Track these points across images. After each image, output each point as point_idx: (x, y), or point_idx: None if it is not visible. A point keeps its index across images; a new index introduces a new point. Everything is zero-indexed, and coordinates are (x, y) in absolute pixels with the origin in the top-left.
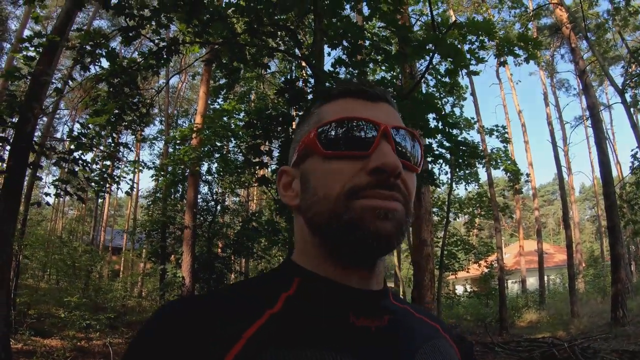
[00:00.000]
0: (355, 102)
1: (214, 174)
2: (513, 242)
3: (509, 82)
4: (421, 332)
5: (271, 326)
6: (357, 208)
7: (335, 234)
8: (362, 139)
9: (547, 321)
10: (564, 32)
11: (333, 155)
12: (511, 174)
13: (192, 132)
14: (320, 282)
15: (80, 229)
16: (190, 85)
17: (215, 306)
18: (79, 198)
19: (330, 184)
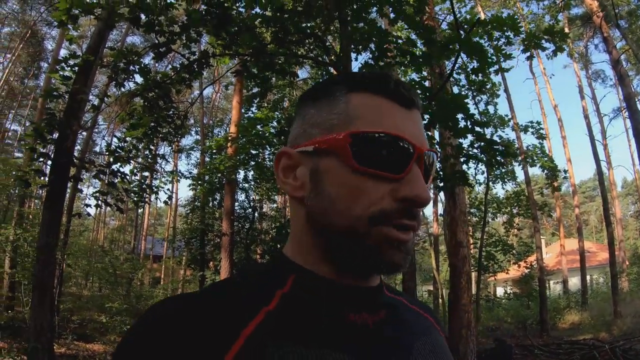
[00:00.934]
0: (390, 106)
1: (250, 182)
2: (554, 241)
3: (542, 76)
4: (417, 324)
5: (268, 324)
6: (377, 236)
7: (347, 251)
8: (397, 160)
9: (589, 322)
10: (595, 21)
11: (365, 171)
12: (548, 170)
13: (227, 141)
14: (315, 280)
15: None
16: (225, 95)
17: (210, 304)
18: (118, 208)
19: (355, 201)
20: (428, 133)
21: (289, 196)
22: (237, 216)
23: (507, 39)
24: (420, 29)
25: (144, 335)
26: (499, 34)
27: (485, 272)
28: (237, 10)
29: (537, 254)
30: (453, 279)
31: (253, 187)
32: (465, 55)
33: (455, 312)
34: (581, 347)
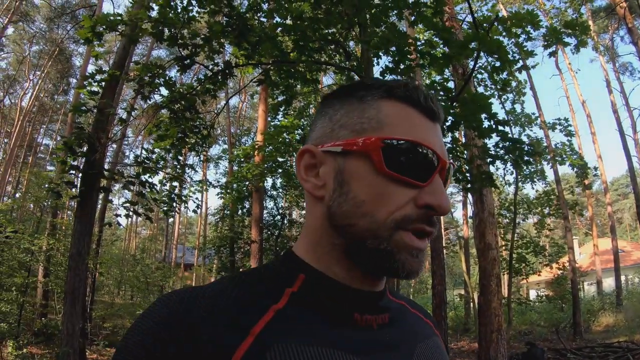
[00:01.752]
0: (419, 117)
1: (278, 189)
2: (588, 241)
3: (569, 72)
4: (418, 328)
5: (278, 322)
6: (398, 241)
7: (367, 254)
8: (423, 169)
9: (624, 324)
10: (618, 13)
11: (393, 177)
12: (578, 168)
13: (254, 149)
14: (324, 282)
15: (153, 247)
16: (251, 104)
17: (220, 300)
18: (147, 217)
19: (381, 204)
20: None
21: (308, 194)
22: (266, 223)
23: (527, 35)
24: (439, 30)
25: (145, 329)
26: (519, 30)
27: (517, 275)
28: (258, 20)
29: (570, 254)
30: (483, 281)
31: (281, 194)
32: (485, 53)
33: (486, 316)
34: (615, 350)
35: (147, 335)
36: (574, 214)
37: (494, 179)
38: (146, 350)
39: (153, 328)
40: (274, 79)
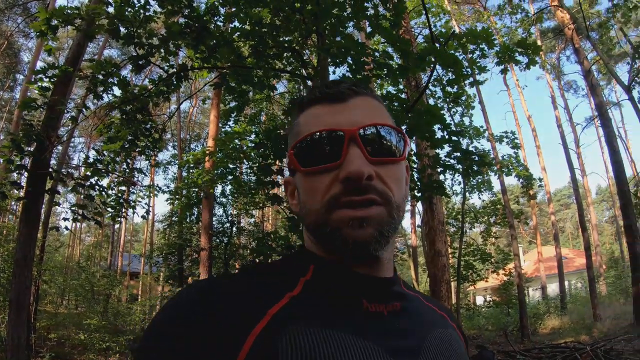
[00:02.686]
0: (323, 108)
1: (228, 196)
2: (532, 249)
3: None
4: (430, 318)
5: (292, 307)
6: (334, 220)
7: (322, 241)
8: (333, 149)
9: (570, 326)
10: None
11: (310, 171)
12: (523, 179)
13: (205, 155)
14: (334, 269)
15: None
16: (202, 110)
17: (240, 286)
18: (97, 222)
19: (312, 198)
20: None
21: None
22: (215, 231)
23: (481, 52)
24: (397, 42)
25: (177, 307)
26: (474, 47)
27: (465, 282)
28: (215, 24)
29: (516, 261)
30: (433, 287)
31: (231, 202)
32: (441, 67)
33: None
34: (562, 350)
35: (169, 324)
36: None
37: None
38: (169, 337)
39: (175, 317)
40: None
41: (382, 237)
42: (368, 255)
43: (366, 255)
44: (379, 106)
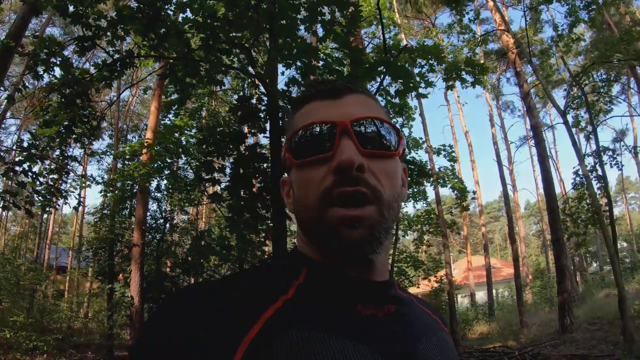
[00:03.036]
0: (319, 104)
1: (163, 191)
2: (461, 258)
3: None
4: (424, 322)
5: (286, 311)
6: (329, 218)
7: (316, 239)
8: (325, 141)
9: (498, 332)
10: (509, 57)
11: (303, 163)
12: (458, 191)
13: (143, 147)
14: (327, 272)
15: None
16: (141, 100)
17: (233, 290)
18: (27, 211)
19: (306, 192)
20: None
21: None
22: (148, 227)
23: (430, 67)
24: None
25: (169, 312)
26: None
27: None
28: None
29: (447, 269)
30: None
31: (166, 197)
32: (391, 78)
33: None
34: (492, 354)
35: (162, 330)
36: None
37: None
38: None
39: (167, 323)
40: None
41: (373, 238)
42: (362, 258)
43: (360, 257)
44: (375, 104)
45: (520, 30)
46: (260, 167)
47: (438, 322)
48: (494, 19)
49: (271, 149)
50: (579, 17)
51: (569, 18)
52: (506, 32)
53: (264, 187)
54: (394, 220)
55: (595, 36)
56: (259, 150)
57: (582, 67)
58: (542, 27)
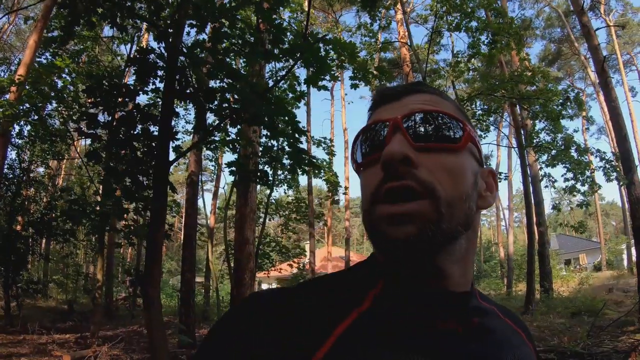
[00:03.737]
0: (380, 109)
1: (25, 138)
2: (320, 247)
3: (341, 100)
4: (508, 337)
5: (360, 325)
6: (375, 214)
7: (371, 242)
8: (379, 140)
9: None
10: (404, 69)
11: (362, 166)
12: (331, 184)
13: (12, 84)
14: (402, 282)
15: None
16: (17, 31)
17: (305, 301)
18: None
19: (364, 194)
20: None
21: None
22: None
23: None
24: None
25: (241, 321)
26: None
27: (260, 270)
28: None
29: (311, 257)
30: (237, 274)
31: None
32: (304, 63)
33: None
34: None
35: (227, 345)
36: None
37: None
38: (229, 352)
39: (236, 330)
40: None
41: (425, 237)
42: (414, 261)
43: (409, 259)
44: (441, 100)
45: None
46: (147, 129)
47: (521, 335)
48: (398, 30)
49: (162, 111)
50: (480, 51)
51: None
52: (407, 45)
53: (148, 153)
54: (462, 224)
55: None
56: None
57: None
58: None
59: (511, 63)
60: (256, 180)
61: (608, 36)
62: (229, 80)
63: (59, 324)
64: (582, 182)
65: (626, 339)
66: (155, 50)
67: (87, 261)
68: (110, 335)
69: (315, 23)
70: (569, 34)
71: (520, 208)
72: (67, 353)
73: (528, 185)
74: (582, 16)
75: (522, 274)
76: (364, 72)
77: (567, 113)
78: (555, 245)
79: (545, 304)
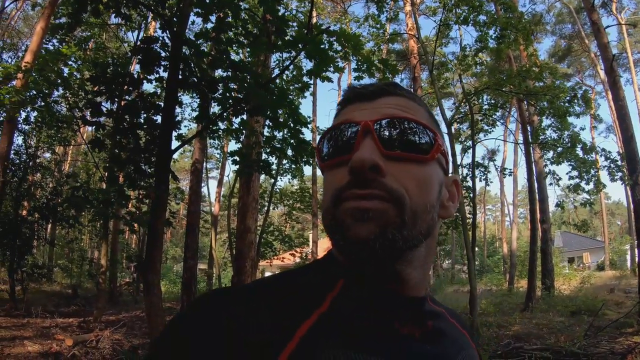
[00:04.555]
0: (353, 107)
1: (31, 124)
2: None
3: None
4: (457, 338)
5: (321, 327)
6: (338, 212)
7: (331, 240)
8: (348, 142)
9: None
10: (411, 62)
11: (328, 165)
12: None
13: (19, 70)
14: (362, 285)
15: None
16: (25, 17)
17: (262, 301)
18: None
19: (328, 192)
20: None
21: None
22: (10, 163)
23: (345, 54)
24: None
25: (194, 322)
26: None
27: (263, 259)
28: None
29: (313, 247)
30: (238, 262)
31: (35, 132)
32: (307, 56)
33: None
34: None
35: (185, 337)
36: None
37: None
38: (185, 352)
39: (191, 337)
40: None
41: (385, 239)
42: (372, 260)
43: (367, 257)
44: (414, 106)
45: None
46: (151, 118)
47: (466, 337)
48: (406, 22)
49: (166, 100)
50: (488, 45)
51: (479, 43)
52: (415, 37)
53: (151, 141)
54: (424, 233)
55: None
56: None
57: (474, 87)
58: (448, 42)
59: (520, 58)
60: (259, 170)
61: (619, 34)
62: (232, 71)
63: (63, 308)
64: (586, 180)
65: (623, 341)
66: (159, 40)
67: (92, 246)
68: (112, 320)
69: (324, 13)
70: (580, 31)
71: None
72: (69, 337)
73: (533, 182)
74: (592, 13)
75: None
76: (367, 64)
77: (574, 110)
78: (559, 243)
79: (546, 302)
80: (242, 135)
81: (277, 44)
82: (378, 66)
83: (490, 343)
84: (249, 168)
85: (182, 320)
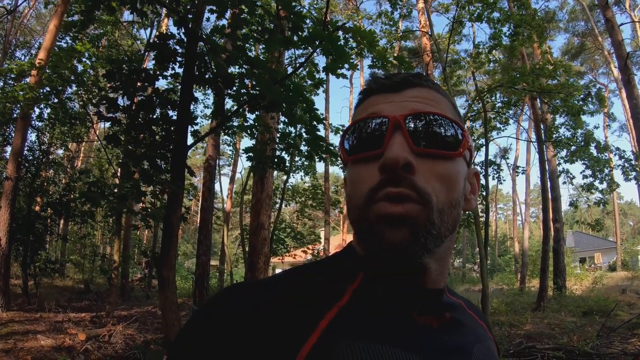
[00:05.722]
0: (379, 98)
1: (45, 121)
2: (335, 234)
3: (360, 88)
4: (474, 330)
5: (342, 318)
6: (371, 215)
7: (361, 240)
8: (377, 137)
9: None
10: (424, 59)
11: (355, 160)
12: None
13: (33, 67)
14: (382, 277)
15: None
16: (37, 15)
17: (283, 295)
18: None
19: (355, 190)
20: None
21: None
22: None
23: (360, 51)
24: (292, 12)
25: (216, 319)
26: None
27: (274, 255)
28: None
29: (325, 244)
30: (252, 258)
31: (48, 128)
32: (323, 52)
33: None
34: None
35: (205, 343)
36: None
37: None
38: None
39: (217, 323)
40: None
41: (416, 243)
42: (405, 262)
43: (401, 261)
44: (440, 98)
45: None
46: (166, 114)
47: (484, 329)
48: (419, 19)
49: (181, 96)
50: (502, 43)
51: (492, 41)
52: (428, 35)
53: (167, 137)
54: (450, 229)
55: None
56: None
57: (487, 84)
58: (461, 39)
59: (533, 56)
60: (273, 166)
61: (633, 32)
62: (247, 67)
63: (75, 302)
64: (600, 179)
65: (636, 342)
66: (175, 36)
67: (104, 242)
68: (125, 315)
69: (336, 10)
70: (593, 28)
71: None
72: (82, 331)
73: (546, 180)
74: (606, 10)
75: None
76: (383, 61)
77: (588, 109)
78: (571, 243)
79: (558, 302)
80: (257, 131)
81: (293, 41)
82: (393, 63)
83: (502, 342)
84: (264, 164)
85: (208, 312)
